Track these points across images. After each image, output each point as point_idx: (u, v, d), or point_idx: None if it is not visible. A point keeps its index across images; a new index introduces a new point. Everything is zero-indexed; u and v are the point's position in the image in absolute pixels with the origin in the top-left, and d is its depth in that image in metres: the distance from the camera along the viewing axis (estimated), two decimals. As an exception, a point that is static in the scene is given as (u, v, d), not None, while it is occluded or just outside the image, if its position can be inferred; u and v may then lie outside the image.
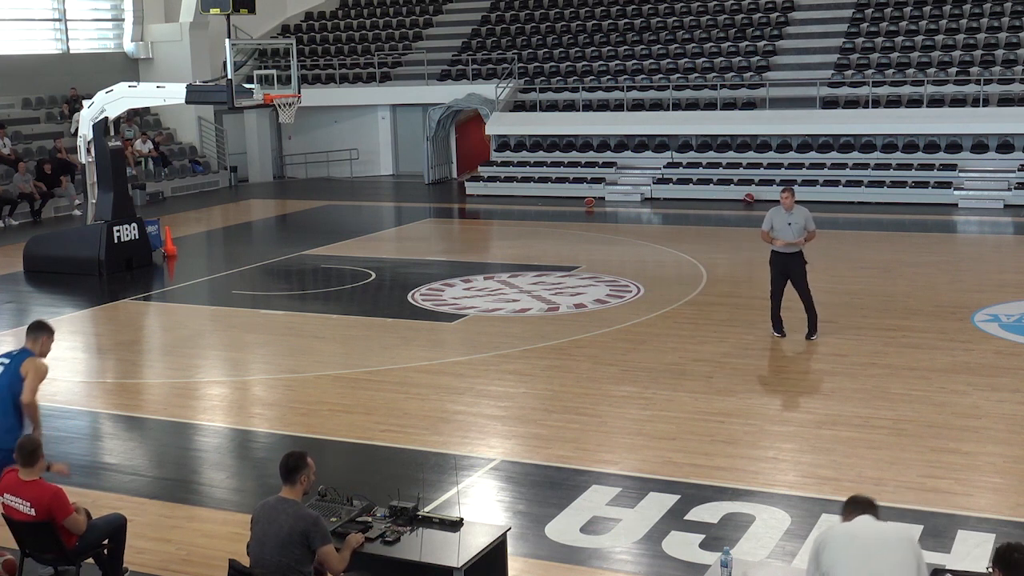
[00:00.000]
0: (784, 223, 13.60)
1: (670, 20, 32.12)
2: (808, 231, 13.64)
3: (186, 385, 13.03)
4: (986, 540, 8.15)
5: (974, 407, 11.17)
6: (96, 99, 19.77)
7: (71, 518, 7.24)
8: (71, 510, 7.27)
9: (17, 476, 7.25)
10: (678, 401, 11.62)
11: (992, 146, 25.67)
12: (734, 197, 26.36)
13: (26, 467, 7.23)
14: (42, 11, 30.81)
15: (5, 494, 7.28)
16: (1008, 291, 16.18)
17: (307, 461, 6.64)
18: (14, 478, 7.27)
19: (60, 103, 30.37)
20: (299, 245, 21.95)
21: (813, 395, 11.74)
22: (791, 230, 13.58)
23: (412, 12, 36.39)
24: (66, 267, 19.52)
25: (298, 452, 6.72)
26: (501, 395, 12.07)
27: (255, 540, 6.52)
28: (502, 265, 19.52)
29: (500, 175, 29.21)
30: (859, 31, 29.44)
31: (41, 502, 7.14)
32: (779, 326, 13.97)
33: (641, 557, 8.18)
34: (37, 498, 7.15)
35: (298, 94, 20.34)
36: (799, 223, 13.56)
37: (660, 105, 28.94)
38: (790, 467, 9.82)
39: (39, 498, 7.15)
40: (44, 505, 7.14)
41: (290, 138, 34.80)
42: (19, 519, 7.24)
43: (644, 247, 21.06)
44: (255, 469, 10.40)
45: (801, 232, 13.59)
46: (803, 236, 13.61)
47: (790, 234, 13.57)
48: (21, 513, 7.20)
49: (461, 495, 9.09)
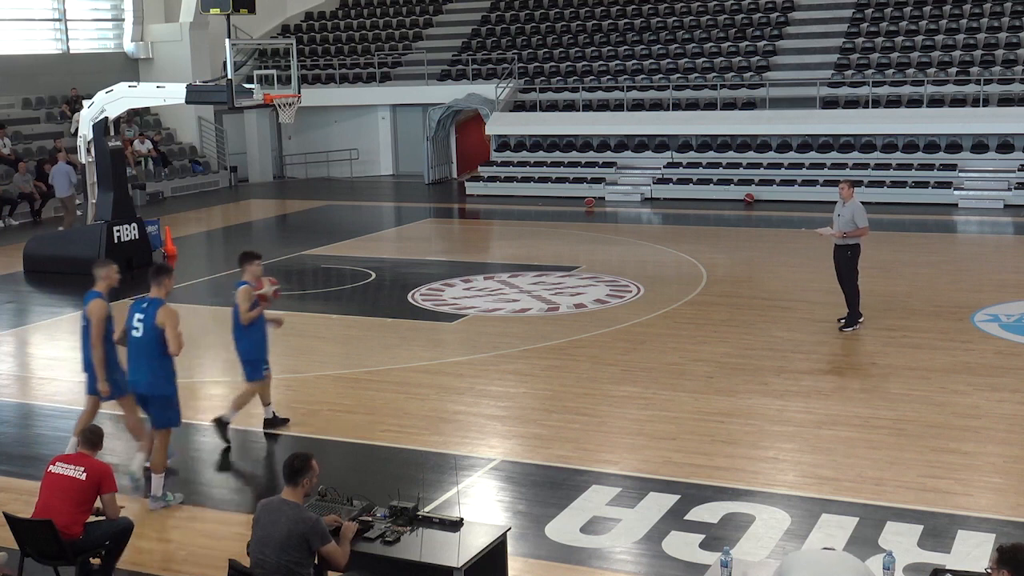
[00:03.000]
0: (836, 214, 14.08)
1: (670, 20, 32.13)
2: (857, 227, 13.89)
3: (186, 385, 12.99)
4: (986, 540, 8.16)
5: (974, 407, 11.18)
6: (96, 99, 19.76)
7: (112, 496, 7.57)
8: (116, 488, 7.62)
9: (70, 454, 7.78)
10: (678, 401, 11.62)
11: (992, 146, 25.68)
12: (734, 197, 26.36)
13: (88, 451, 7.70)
14: (42, 11, 30.82)
15: (57, 463, 7.61)
16: (1008, 291, 16.19)
17: (311, 464, 6.66)
18: (69, 455, 7.73)
19: (60, 103, 30.38)
20: (299, 245, 21.95)
21: (813, 395, 11.73)
22: (839, 222, 13.98)
23: (412, 12, 36.39)
24: (66, 267, 19.51)
25: (304, 454, 6.73)
26: (501, 395, 12.07)
27: (256, 541, 6.53)
28: (502, 265, 19.52)
29: (500, 175, 29.21)
30: (859, 31, 29.44)
31: (94, 469, 7.52)
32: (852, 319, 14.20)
33: (641, 557, 8.18)
34: (91, 466, 7.54)
35: (298, 94, 20.33)
36: (846, 216, 13.92)
37: (660, 105, 28.94)
38: (790, 467, 9.82)
39: (93, 466, 7.54)
40: (96, 471, 7.51)
41: (290, 138, 34.80)
42: (61, 485, 7.46)
43: (644, 247, 21.06)
44: (255, 469, 10.39)
45: (847, 225, 13.89)
46: (848, 229, 13.88)
47: (837, 226, 13.99)
48: (68, 477, 7.47)
49: (461, 495, 9.09)
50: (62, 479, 7.48)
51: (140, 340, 9.19)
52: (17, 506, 8.61)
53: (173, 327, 9.06)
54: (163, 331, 9.05)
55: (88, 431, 7.83)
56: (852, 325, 14.12)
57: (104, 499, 7.58)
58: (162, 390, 9.25)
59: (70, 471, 7.50)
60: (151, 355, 9.14)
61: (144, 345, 9.16)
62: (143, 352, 9.19)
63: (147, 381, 9.24)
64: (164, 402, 9.29)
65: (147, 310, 9.19)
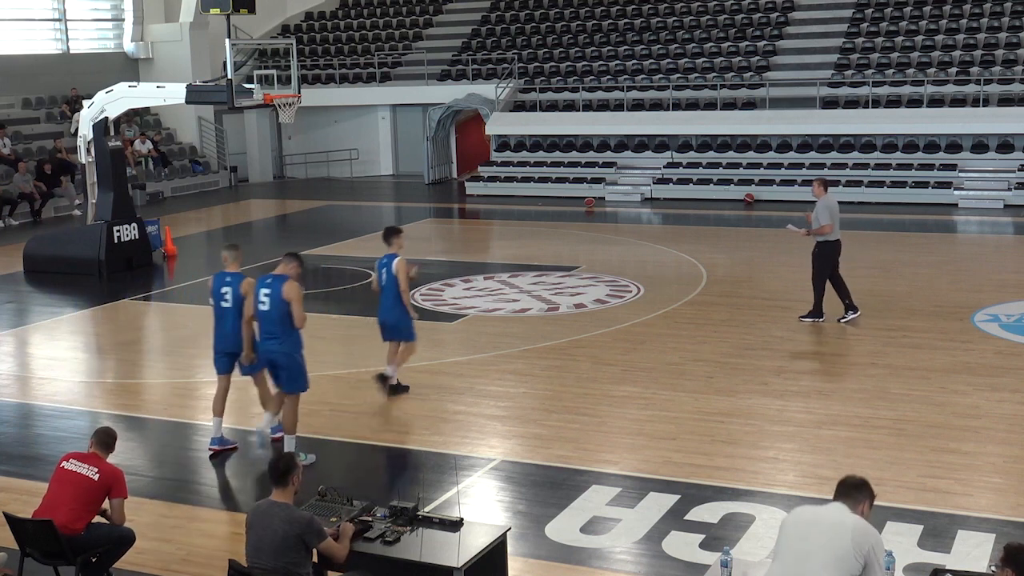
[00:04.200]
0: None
1: (670, 20, 32.13)
2: (821, 223, 14.16)
3: (186, 385, 13.03)
4: (986, 540, 8.16)
5: (974, 407, 11.18)
6: (96, 99, 19.76)
7: (121, 501, 7.63)
8: (126, 494, 7.69)
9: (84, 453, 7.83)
10: (678, 401, 11.62)
11: (992, 146, 25.67)
12: (734, 197, 26.36)
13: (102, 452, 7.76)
14: (42, 11, 30.82)
15: (71, 459, 7.65)
16: (1008, 291, 16.19)
17: (296, 462, 6.66)
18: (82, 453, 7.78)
19: (60, 103, 30.38)
20: (299, 245, 21.90)
21: (813, 395, 11.74)
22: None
23: (412, 12, 36.39)
24: (66, 267, 19.52)
25: (287, 454, 6.74)
26: (501, 395, 12.07)
27: (251, 546, 6.51)
28: (502, 265, 19.52)
29: (500, 175, 29.21)
30: (859, 31, 29.44)
31: (107, 471, 7.59)
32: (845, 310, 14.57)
33: (641, 557, 8.18)
34: (104, 468, 7.61)
35: (298, 94, 20.32)
36: (814, 214, 14.22)
37: (660, 105, 28.94)
38: (790, 467, 9.82)
39: (106, 468, 7.61)
40: (108, 474, 7.58)
41: (290, 138, 34.79)
42: (72, 481, 7.50)
43: (644, 247, 21.06)
44: (255, 469, 10.39)
45: (814, 222, 14.21)
46: (811, 227, 14.21)
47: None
48: (81, 475, 7.52)
49: (461, 495, 9.09)
50: (74, 475, 7.53)
51: (269, 313, 9.95)
52: (17, 506, 8.61)
53: (298, 302, 9.85)
54: (289, 305, 9.81)
55: (103, 433, 7.88)
56: (812, 318, 14.47)
57: (112, 503, 7.62)
58: (293, 357, 10.04)
59: (83, 469, 7.55)
60: (283, 326, 9.90)
61: (273, 317, 9.92)
62: (275, 324, 9.94)
63: (278, 351, 10.00)
64: (295, 369, 10.08)
65: (272, 285, 9.94)
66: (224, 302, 10.32)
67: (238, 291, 10.24)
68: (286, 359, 10.03)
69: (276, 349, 10.00)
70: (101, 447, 7.76)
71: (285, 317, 9.88)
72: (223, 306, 10.34)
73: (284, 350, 9.99)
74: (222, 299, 10.34)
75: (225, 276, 10.45)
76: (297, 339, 10.07)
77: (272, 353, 10.06)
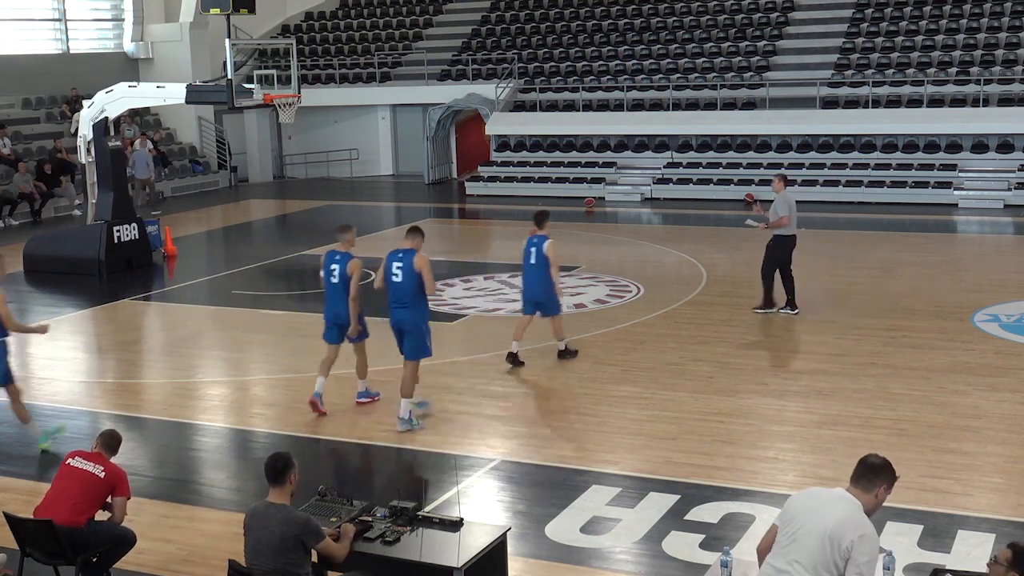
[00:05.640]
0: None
1: (670, 20, 32.13)
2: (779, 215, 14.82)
3: (186, 385, 13.03)
4: (986, 540, 8.16)
5: (974, 407, 11.18)
6: (96, 99, 19.75)
7: (124, 500, 7.73)
8: (129, 495, 7.78)
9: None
10: (678, 401, 11.62)
11: (992, 146, 25.67)
12: (734, 197, 26.31)
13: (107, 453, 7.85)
14: (42, 11, 30.81)
15: (77, 457, 7.74)
16: (1008, 291, 16.18)
17: (293, 461, 6.60)
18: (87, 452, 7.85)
19: (60, 103, 30.37)
20: (299, 245, 21.93)
21: (813, 395, 11.73)
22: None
23: (412, 12, 36.39)
24: (66, 267, 19.51)
25: (283, 453, 6.69)
26: (501, 395, 12.07)
27: (249, 548, 6.49)
28: (502, 265, 19.50)
29: (500, 175, 29.21)
30: (859, 31, 29.44)
31: (112, 471, 7.69)
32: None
33: (641, 557, 8.18)
34: (109, 467, 7.70)
35: (298, 94, 20.32)
36: (772, 208, 14.97)
37: (660, 105, 28.94)
38: (790, 467, 9.82)
39: (111, 468, 7.71)
40: (113, 474, 7.68)
41: (290, 138, 34.79)
42: (78, 477, 7.58)
43: (644, 247, 21.05)
44: (255, 469, 10.37)
45: (772, 216, 14.96)
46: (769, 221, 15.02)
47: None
48: (86, 472, 7.60)
49: (461, 495, 9.09)
50: (80, 472, 7.62)
51: (400, 284, 10.65)
52: (17, 506, 8.60)
53: (429, 272, 10.55)
54: (420, 275, 10.52)
55: (109, 436, 7.96)
56: (764, 309, 15.01)
57: (115, 501, 7.70)
58: (419, 326, 10.73)
59: (89, 467, 7.64)
60: (414, 296, 10.62)
61: (406, 288, 10.62)
62: (407, 294, 10.63)
63: (408, 320, 10.69)
64: (420, 336, 10.74)
65: (404, 259, 10.64)
66: (333, 278, 11.21)
67: (345, 269, 11.11)
68: (413, 327, 10.70)
69: (406, 318, 10.70)
70: (106, 448, 7.84)
71: (417, 288, 10.57)
72: (332, 282, 11.25)
73: (413, 319, 10.68)
74: (331, 275, 11.24)
75: (335, 255, 11.31)
76: (425, 309, 10.81)
77: (402, 322, 10.75)
